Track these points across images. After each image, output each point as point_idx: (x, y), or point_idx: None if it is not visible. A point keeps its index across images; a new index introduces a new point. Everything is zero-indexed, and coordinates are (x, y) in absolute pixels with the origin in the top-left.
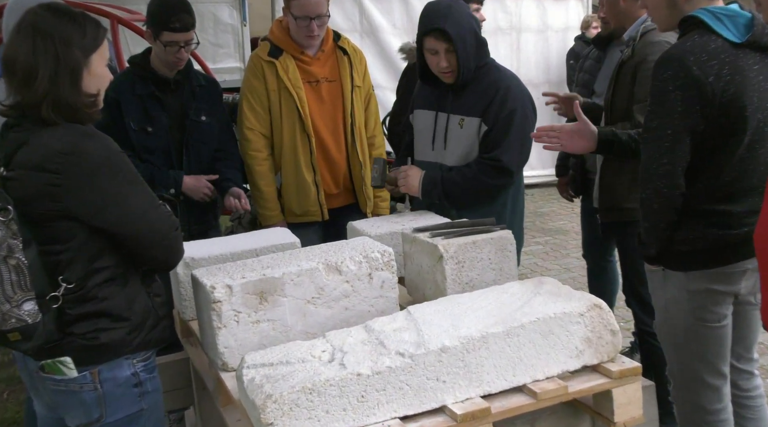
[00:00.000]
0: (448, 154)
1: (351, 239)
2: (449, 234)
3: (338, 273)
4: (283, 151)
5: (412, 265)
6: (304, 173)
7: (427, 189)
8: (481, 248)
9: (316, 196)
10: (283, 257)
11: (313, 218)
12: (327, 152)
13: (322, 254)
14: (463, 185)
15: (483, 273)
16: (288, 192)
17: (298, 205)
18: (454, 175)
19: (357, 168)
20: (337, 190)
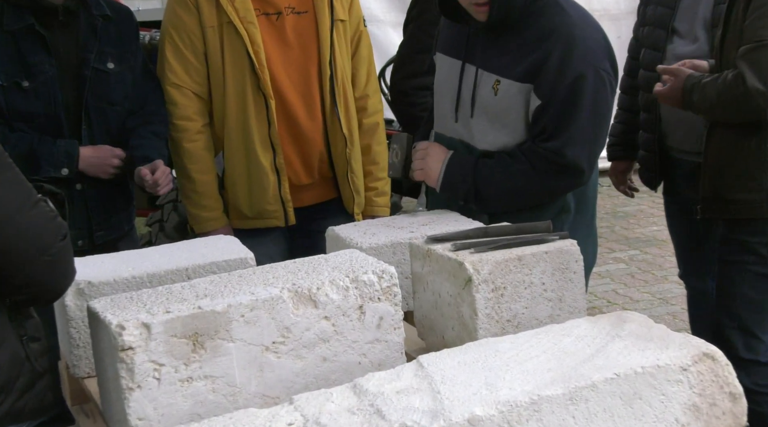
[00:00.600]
0: (476, 130)
1: (332, 252)
2: (482, 246)
3: (313, 305)
4: (227, 121)
5: (426, 293)
6: (259, 154)
7: (451, 180)
8: (531, 266)
9: (276, 188)
10: (228, 280)
11: (272, 222)
12: (294, 122)
13: (287, 277)
14: (505, 184)
15: (533, 305)
16: (235, 183)
17: (250, 203)
18: (493, 167)
19: (339, 145)
20: (309, 179)
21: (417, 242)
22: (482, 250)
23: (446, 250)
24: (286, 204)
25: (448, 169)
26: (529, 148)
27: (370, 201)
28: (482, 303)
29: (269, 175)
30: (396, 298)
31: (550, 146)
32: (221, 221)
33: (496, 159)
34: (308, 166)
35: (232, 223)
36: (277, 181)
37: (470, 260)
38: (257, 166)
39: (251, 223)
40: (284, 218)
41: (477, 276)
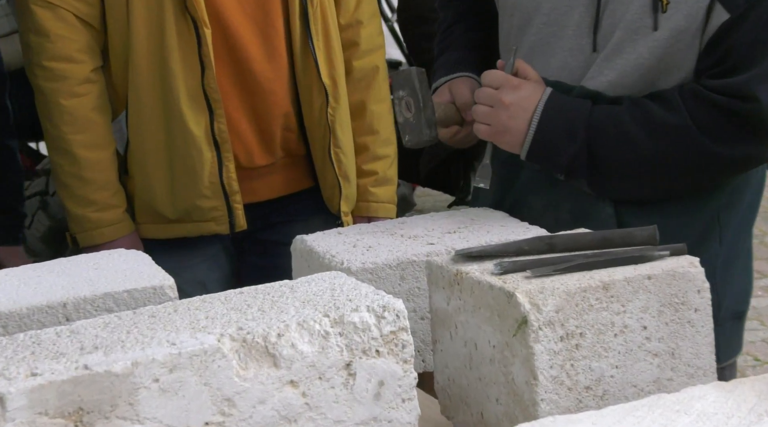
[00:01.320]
0: (605, 60)
1: (302, 277)
2: (544, 266)
3: (271, 363)
4: (134, 64)
5: (454, 343)
6: (186, 117)
7: (548, 136)
8: (625, 300)
9: (216, 172)
10: (133, 323)
11: (208, 228)
12: (243, 64)
13: (230, 317)
14: (642, 148)
15: (628, 363)
16: (146, 165)
17: (173, 198)
18: (622, 115)
19: (316, 102)
20: (267, 158)
21: (439, 261)
22: (545, 273)
23: (487, 273)
24: (231, 197)
25: (545, 116)
26: (690, 89)
27: (365, 193)
28: (545, 359)
29: (203, 152)
30: (405, 351)
31: (731, 83)
32: (123, 227)
33: (627, 106)
34: (266, 136)
35: (141, 230)
36: (216, 161)
37: (526, 290)
38: (184, 136)
39: (173, 229)
40: (228, 220)
41: (537, 315)
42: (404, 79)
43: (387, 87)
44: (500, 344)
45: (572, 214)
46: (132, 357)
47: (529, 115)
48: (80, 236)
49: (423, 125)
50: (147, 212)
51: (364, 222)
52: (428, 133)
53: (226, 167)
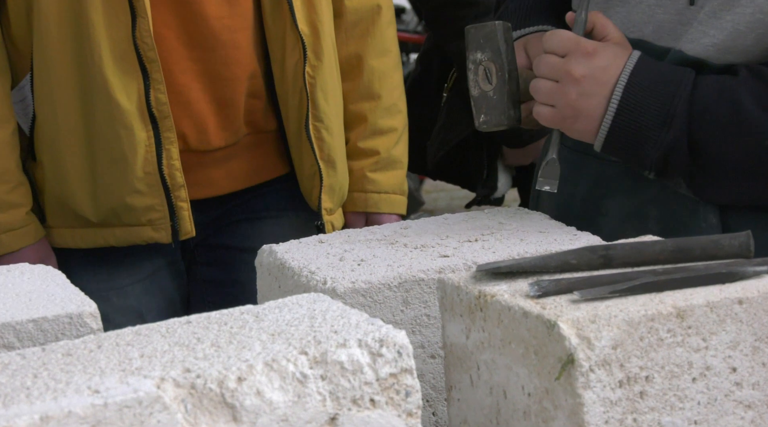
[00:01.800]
0: (710, 16)
1: (271, 301)
2: (598, 286)
3: (229, 418)
4: (38, 10)
5: (476, 389)
6: (111, 83)
7: (639, 119)
8: (707, 332)
9: (153, 158)
10: (41, 364)
11: (144, 234)
12: (192, 10)
13: (173, 355)
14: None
15: (713, 417)
16: (59, 148)
17: (95, 193)
18: (738, 90)
19: (291, 57)
20: (225, 138)
21: (456, 279)
22: (599, 296)
23: (520, 295)
24: (173, 193)
25: (630, 92)
26: None
27: (362, 180)
28: (599, 412)
29: (135, 131)
30: (410, 400)
31: None
32: (27, 233)
33: (745, 77)
34: (226, 107)
35: (52, 236)
36: (153, 143)
37: (572, 318)
38: (108, 109)
39: (96, 236)
40: (170, 223)
41: (588, 353)
42: (485, 37)
43: (393, 35)
44: (538, 392)
45: (662, 224)
46: (40, 410)
47: (607, 91)
48: None
49: (507, 103)
50: (60, 213)
51: (360, 220)
52: (513, 114)
53: (167, 151)
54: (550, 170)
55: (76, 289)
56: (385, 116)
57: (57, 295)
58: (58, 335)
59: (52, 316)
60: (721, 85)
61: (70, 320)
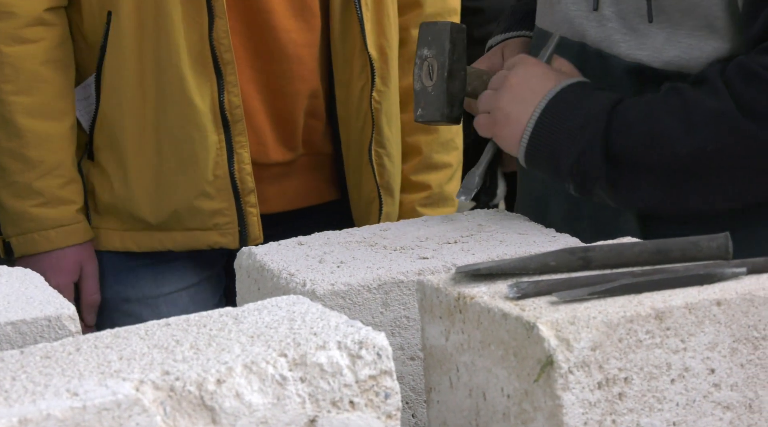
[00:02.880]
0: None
1: (250, 303)
2: (578, 288)
3: (209, 419)
4: (115, 7)
5: (456, 391)
6: (189, 85)
7: (552, 137)
8: (685, 334)
9: (224, 162)
10: (20, 366)
11: (207, 239)
12: (262, 20)
13: (152, 357)
14: (678, 146)
15: (691, 419)
16: (124, 147)
17: (159, 195)
18: (655, 104)
19: (357, 81)
20: (285, 153)
21: (435, 281)
22: (578, 297)
23: (499, 297)
24: (243, 198)
25: (555, 103)
26: (738, 64)
27: (411, 214)
28: (578, 414)
29: (208, 133)
30: (389, 402)
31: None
32: (76, 231)
33: (665, 93)
34: (286, 122)
35: (100, 238)
36: (224, 147)
37: (552, 320)
38: (182, 109)
39: (154, 240)
40: (238, 228)
41: (567, 354)
42: (433, 35)
43: None
44: (517, 393)
45: (594, 224)
46: (19, 413)
47: (537, 100)
48: (16, 240)
49: (443, 100)
50: (114, 214)
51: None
52: (447, 112)
53: (239, 156)
54: (469, 181)
55: (54, 292)
56: (440, 151)
57: (35, 297)
58: (37, 337)
59: (31, 318)
60: (642, 98)
61: (49, 323)
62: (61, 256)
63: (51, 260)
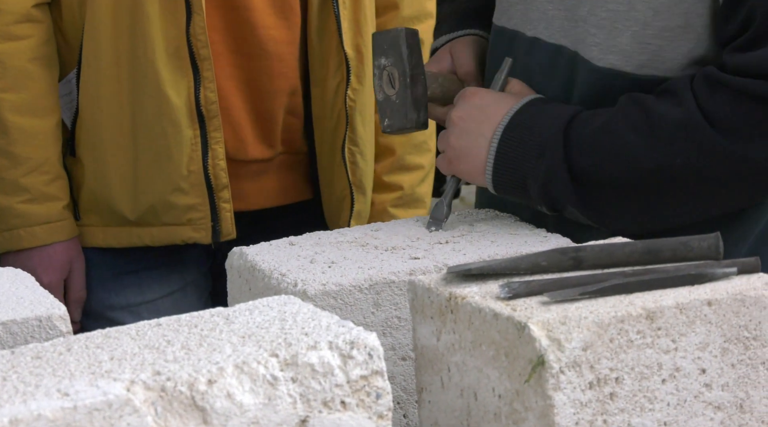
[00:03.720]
0: (587, 23)
1: (241, 304)
2: (569, 288)
3: (200, 420)
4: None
5: (447, 392)
6: (164, 81)
7: (516, 152)
8: (676, 334)
9: (198, 158)
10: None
11: (180, 234)
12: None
13: (143, 357)
14: (645, 156)
15: (682, 419)
16: (102, 142)
17: (135, 189)
18: (615, 117)
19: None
20: (264, 151)
21: (426, 281)
22: (569, 297)
23: (490, 297)
24: (217, 193)
25: (511, 127)
26: (703, 73)
27: (382, 215)
28: (569, 414)
29: (182, 128)
30: (380, 402)
31: (751, 58)
32: (62, 228)
33: (624, 104)
34: (265, 120)
35: (83, 234)
36: (199, 142)
37: (543, 320)
38: (157, 104)
39: (132, 235)
40: (211, 223)
41: (558, 354)
42: (389, 43)
43: None
44: (509, 394)
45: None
46: (10, 413)
47: (486, 130)
48: (1, 237)
49: (409, 107)
50: (95, 210)
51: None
52: (414, 117)
53: (213, 151)
54: (437, 211)
55: (44, 292)
56: (413, 153)
57: (26, 297)
58: (28, 337)
59: (21, 319)
60: (599, 112)
61: (40, 323)
62: (51, 253)
63: (41, 256)
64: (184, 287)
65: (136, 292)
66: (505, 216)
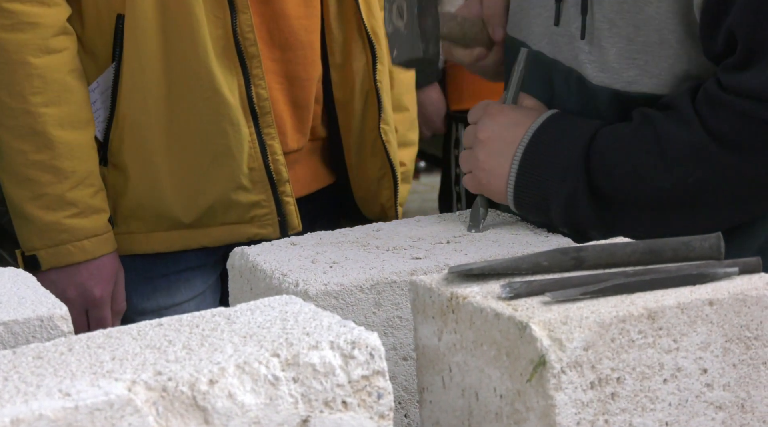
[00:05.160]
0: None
1: (243, 304)
2: (570, 288)
3: (201, 420)
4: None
5: (448, 391)
6: (218, 80)
7: (538, 176)
8: (677, 333)
9: (258, 155)
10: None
11: (246, 232)
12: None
13: (144, 357)
14: (661, 177)
15: (684, 418)
16: (150, 148)
17: (189, 192)
18: (628, 138)
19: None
20: (300, 140)
21: (428, 281)
22: (570, 297)
23: (492, 297)
24: (279, 187)
25: (532, 149)
26: (705, 92)
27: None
28: (570, 414)
29: (241, 126)
30: (382, 402)
31: (744, 80)
32: (108, 241)
33: (637, 124)
34: (301, 109)
35: (128, 242)
36: (256, 139)
37: (544, 320)
38: (213, 105)
39: (186, 238)
40: (278, 218)
41: (559, 354)
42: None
43: None
44: (510, 393)
45: None
46: (11, 413)
47: (513, 150)
48: (46, 253)
49: (416, 37)
50: (139, 217)
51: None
52: (423, 47)
53: (271, 147)
54: (474, 213)
55: (46, 292)
56: (411, 129)
57: (28, 297)
58: (29, 337)
59: (23, 319)
60: (616, 133)
61: (41, 323)
62: (101, 266)
63: (90, 269)
64: (205, 290)
65: (165, 296)
66: (507, 216)
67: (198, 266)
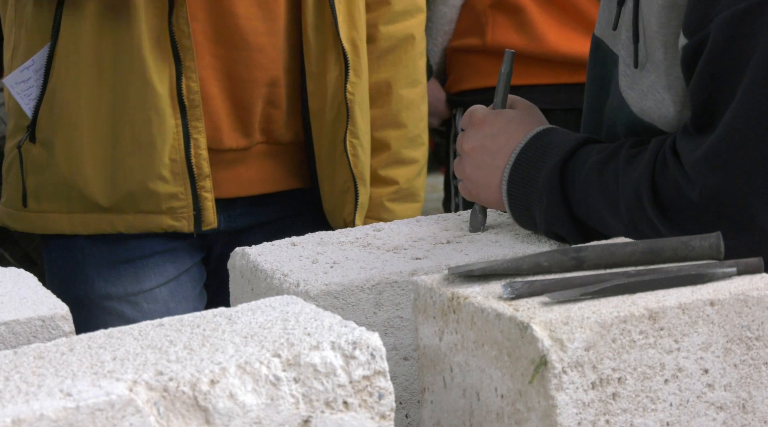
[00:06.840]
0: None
1: (244, 304)
2: (571, 288)
3: (203, 420)
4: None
5: (449, 392)
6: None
7: (523, 190)
8: (678, 334)
9: (180, 147)
10: (12, 367)
11: (159, 222)
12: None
13: (146, 357)
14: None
15: (684, 417)
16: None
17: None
18: (591, 173)
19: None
20: (239, 140)
21: (429, 281)
22: (571, 298)
23: (493, 297)
24: (198, 182)
25: (521, 161)
26: (669, 146)
27: (378, 209)
28: (572, 414)
29: (166, 117)
30: (383, 402)
31: (682, 149)
32: None
33: (607, 156)
34: (241, 109)
35: (46, 220)
36: (181, 131)
37: (545, 320)
38: (142, 93)
39: (104, 222)
40: (193, 212)
41: (560, 355)
42: None
43: (423, 66)
44: (511, 394)
45: None
46: (12, 413)
47: (499, 160)
48: None
49: None
50: (62, 197)
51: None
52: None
53: (195, 141)
54: (473, 219)
55: (47, 291)
56: (409, 147)
57: (29, 297)
58: (30, 337)
59: (24, 318)
60: (589, 161)
61: (42, 323)
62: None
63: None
64: (179, 276)
65: (132, 281)
66: (507, 216)
67: (166, 251)
